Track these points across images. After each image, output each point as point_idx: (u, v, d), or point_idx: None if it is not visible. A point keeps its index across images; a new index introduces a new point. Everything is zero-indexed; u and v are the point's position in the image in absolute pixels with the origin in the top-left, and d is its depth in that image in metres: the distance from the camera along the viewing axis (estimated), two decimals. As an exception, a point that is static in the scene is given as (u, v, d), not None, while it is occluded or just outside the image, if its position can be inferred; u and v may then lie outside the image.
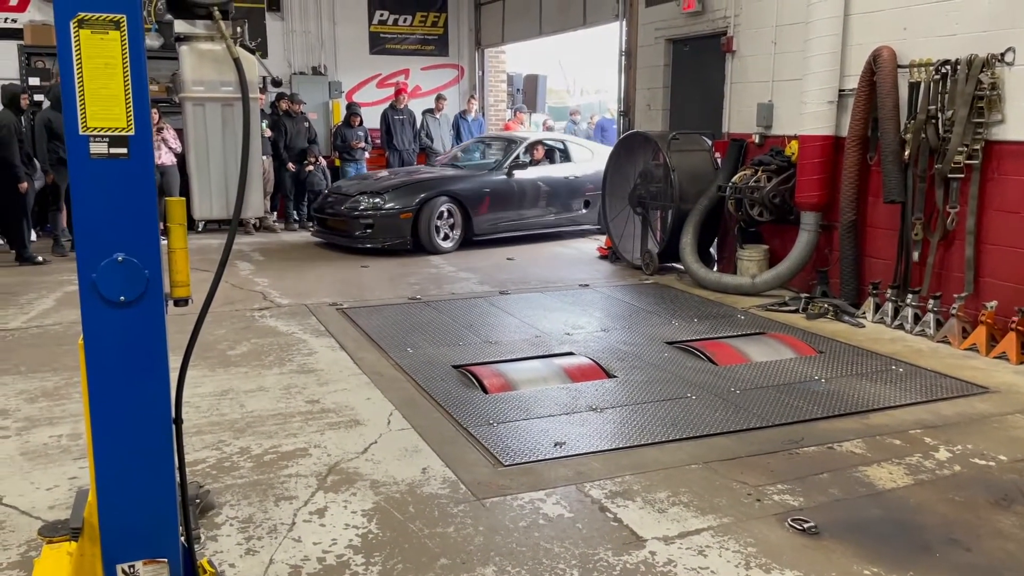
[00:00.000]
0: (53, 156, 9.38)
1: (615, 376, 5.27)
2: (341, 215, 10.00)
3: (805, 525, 3.35)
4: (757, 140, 8.11)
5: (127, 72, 2.11)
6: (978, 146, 5.97)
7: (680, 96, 9.50)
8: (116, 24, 2.08)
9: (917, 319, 6.34)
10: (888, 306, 6.59)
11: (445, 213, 10.01)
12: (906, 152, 6.45)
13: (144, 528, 2.34)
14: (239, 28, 2.44)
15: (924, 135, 6.29)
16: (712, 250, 8.78)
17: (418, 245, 9.87)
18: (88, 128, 2.11)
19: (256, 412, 4.65)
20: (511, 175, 10.56)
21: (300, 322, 6.64)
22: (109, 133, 2.13)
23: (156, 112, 10.23)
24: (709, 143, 8.72)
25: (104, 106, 2.11)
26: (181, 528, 2.46)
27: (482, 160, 11.37)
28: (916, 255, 6.54)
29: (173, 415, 2.35)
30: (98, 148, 2.13)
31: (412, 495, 3.65)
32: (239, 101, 2.39)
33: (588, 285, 8.16)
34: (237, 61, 2.36)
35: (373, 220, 9.73)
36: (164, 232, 2.41)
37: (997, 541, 3.28)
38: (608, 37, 12.33)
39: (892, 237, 6.78)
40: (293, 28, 13.92)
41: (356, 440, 4.26)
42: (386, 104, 13.56)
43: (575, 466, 3.94)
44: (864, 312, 6.78)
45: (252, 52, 2.48)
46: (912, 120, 6.40)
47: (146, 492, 2.31)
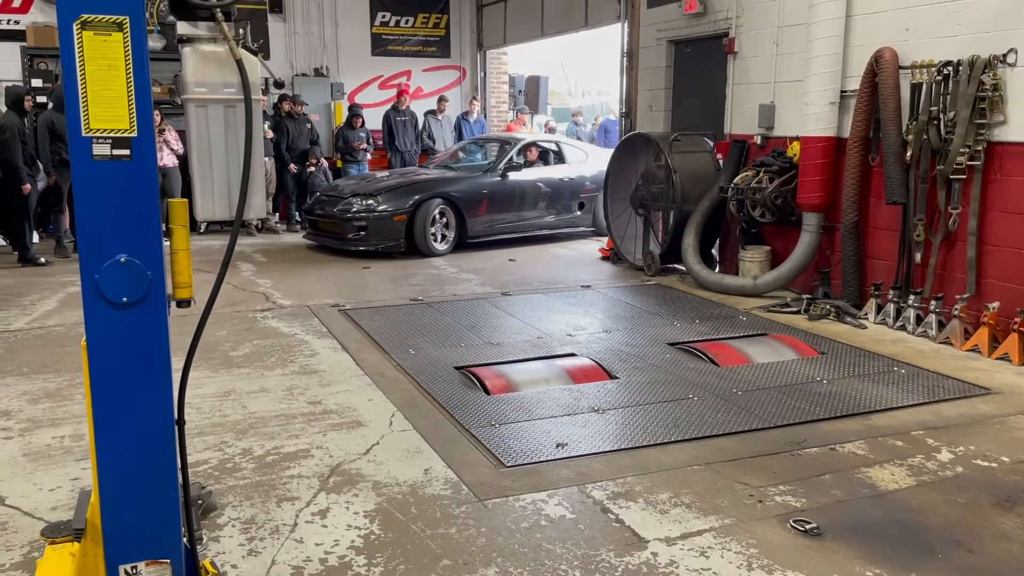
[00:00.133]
0: (55, 157, 9.40)
1: (617, 377, 5.27)
2: (334, 217, 9.88)
3: (807, 526, 3.35)
4: (759, 141, 8.11)
5: (130, 74, 2.11)
6: (980, 147, 5.97)
7: (682, 97, 9.50)
8: (119, 26, 2.09)
9: (919, 320, 6.34)
10: (890, 307, 6.59)
11: (439, 215, 9.92)
12: (908, 153, 6.45)
13: (147, 529, 2.34)
14: (242, 30, 2.44)
15: (926, 136, 6.29)
16: (714, 251, 8.78)
17: (412, 247, 9.76)
18: (91, 130, 2.11)
19: (258, 413, 4.65)
20: (505, 177, 10.47)
21: (302, 323, 6.65)
22: (112, 135, 2.13)
23: (158, 114, 10.22)
24: (711, 144, 8.72)
25: (107, 108, 2.11)
26: (183, 529, 2.46)
27: (476, 162, 11.28)
28: (918, 256, 6.54)
29: (175, 416, 2.35)
30: (101, 150, 2.13)
31: (414, 496, 3.65)
32: (241, 103, 2.40)
33: (590, 286, 8.16)
34: (239, 63, 2.36)
35: (367, 222, 9.61)
36: (166, 233, 2.41)
37: (1000, 542, 3.28)
38: (610, 38, 12.36)
39: (894, 238, 6.78)
40: (295, 30, 13.95)
41: (358, 441, 4.26)
42: (388, 105, 13.59)
43: (577, 467, 3.94)
44: (866, 313, 6.77)
45: (254, 54, 2.48)
46: (914, 121, 6.40)
47: (149, 493, 2.31)
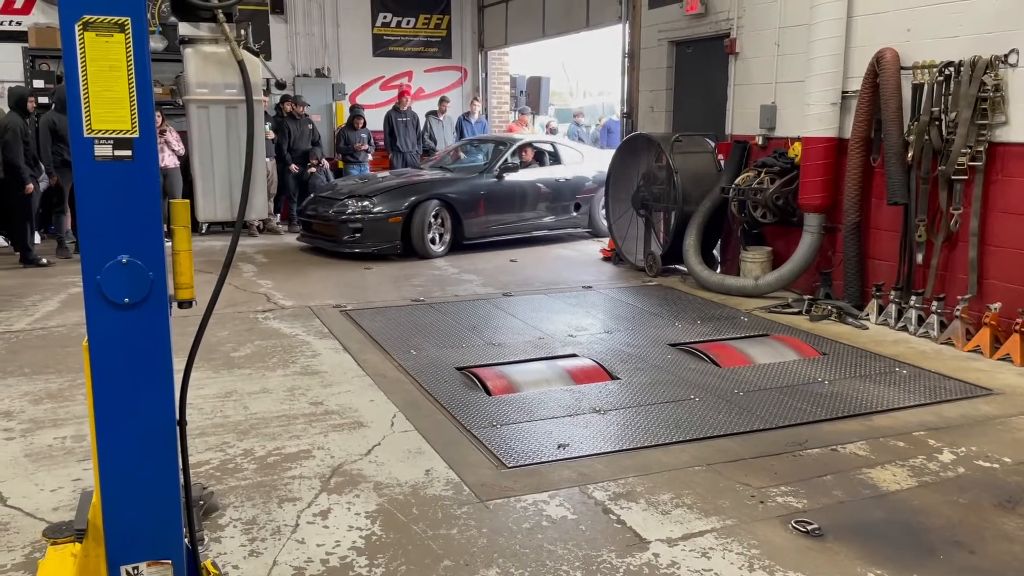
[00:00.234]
0: (57, 158, 9.41)
1: (618, 378, 5.27)
2: (328, 219, 9.75)
3: (809, 527, 3.35)
4: (760, 142, 8.11)
5: (132, 75, 2.11)
6: (981, 148, 5.97)
7: (683, 98, 9.50)
8: (121, 27, 2.09)
9: (921, 321, 6.34)
10: (892, 308, 6.58)
11: (435, 217, 9.82)
12: (909, 154, 6.45)
13: (148, 529, 2.34)
14: (243, 31, 2.44)
15: (927, 137, 6.29)
16: (715, 252, 8.77)
17: (408, 249, 9.64)
18: (93, 130, 2.12)
19: (260, 414, 4.65)
20: (501, 178, 10.35)
21: (304, 324, 6.65)
22: (114, 135, 2.13)
23: (159, 114, 10.20)
24: (712, 145, 8.72)
25: (109, 108, 2.12)
26: (185, 530, 2.47)
27: (471, 163, 11.20)
28: (920, 257, 6.53)
29: (177, 417, 2.36)
30: (102, 150, 2.13)
31: (416, 497, 3.65)
32: (243, 103, 2.40)
33: (591, 287, 8.16)
34: (241, 63, 2.36)
35: (362, 224, 9.48)
36: (168, 234, 2.41)
37: (1002, 543, 3.27)
38: (611, 39, 12.37)
39: (895, 239, 6.77)
40: (297, 30, 13.96)
41: (360, 442, 4.26)
42: (389, 106, 13.59)
43: (578, 468, 3.94)
44: (867, 314, 6.77)
45: (256, 54, 2.48)
46: (915, 122, 6.39)
47: (150, 493, 2.32)
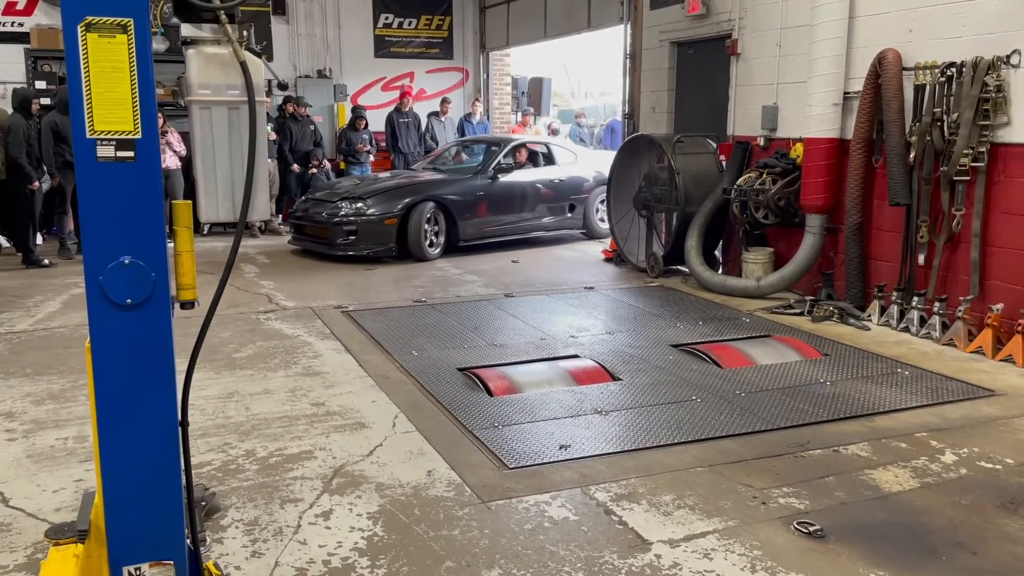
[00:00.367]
0: (59, 159, 9.42)
1: (620, 379, 5.26)
2: (321, 221, 9.57)
3: (811, 528, 3.34)
4: (762, 143, 8.10)
5: (134, 76, 2.11)
6: (983, 148, 5.96)
7: (685, 99, 9.50)
8: (123, 28, 2.09)
9: (923, 322, 6.33)
10: (893, 309, 6.58)
11: (430, 219, 9.67)
12: (911, 155, 6.44)
13: (150, 530, 2.34)
14: (245, 32, 2.45)
15: (929, 137, 6.28)
16: (717, 253, 8.77)
17: (403, 251, 9.51)
18: (95, 131, 2.12)
19: (261, 415, 4.65)
20: (496, 179, 10.24)
21: (305, 325, 6.65)
22: (116, 136, 2.13)
23: (160, 116, 10.21)
24: (714, 146, 8.71)
25: (111, 110, 2.12)
26: (187, 530, 2.47)
27: (464, 163, 11.08)
28: (921, 258, 6.53)
29: (179, 418, 2.36)
30: (105, 151, 2.14)
31: (417, 498, 3.65)
32: (245, 104, 2.40)
33: (593, 288, 8.15)
34: (243, 64, 2.36)
35: (356, 226, 9.32)
36: (170, 235, 2.41)
37: (1004, 544, 3.27)
38: (613, 40, 12.36)
39: (897, 240, 6.77)
40: (298, 31, 13.97)
41: (361, 443, 4.26)
42: (391, 107, 13.60)
43: (580, 469, 3.94)
44: (869, 315, 6.76)
45: (258, 55, 2.49)
46: (917, 122, 6.38)
47: (152, 494, 2.32)
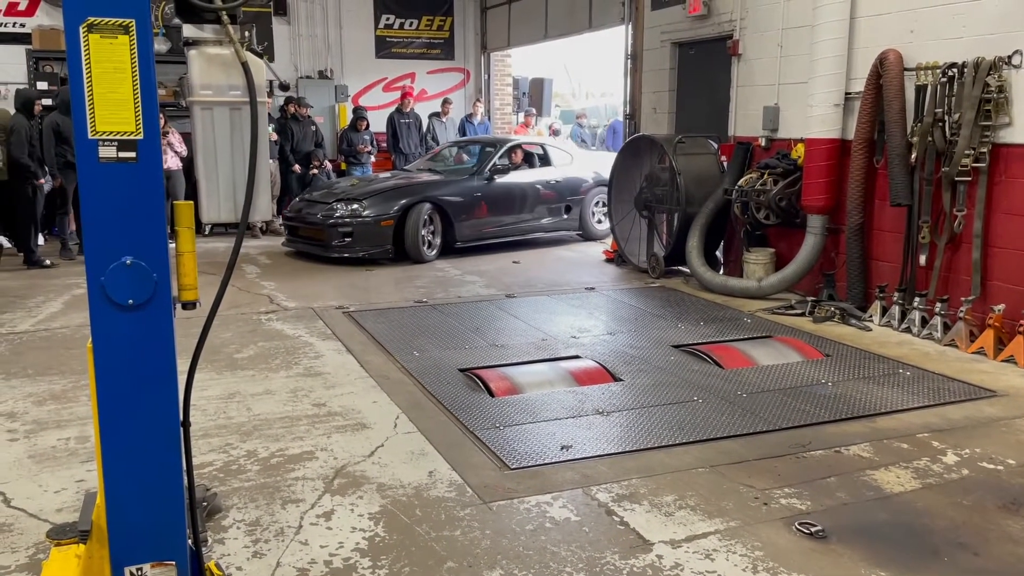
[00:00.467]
0: (61, 160, 9.43)
1: (621, 379, 5.26)
2: (316, 223, 9.45)
3: (812, 529, 3.34)
4: (763, 143, 8.10)
5: (136, 76, 2.12)
6: (985, 149, 5.96)
7: (686, 99, 9.50)
8: (125, 29, 2.09)
9: (924, 322, 6.33)
10: (895, 309, 6.57)
11: (427, 220, 9.55)
12: (913, 155, 6.43)
13: (152, 531, 2.34)
14: (247, 32, 2.45)
15: (931, 138, 6.28)
16: (718, 253, 8.76)
17: (399, 253, 9.39)
18: (97, 132, 2.12)
19: (263, 415, 4.65)
20: (492, 180, 10.14)
21: (307, 325, 6.65)
22: (118, 137, 2.14)
23: (161, 116, 10.21)
24: (715, 146, 8.71)
25: (113, 110, 2.12)
26: (189, 531, 2.47)
27: (459, 164, 10.99)
28: (923, 258, 6.52)
29: (181, 418, 2.36)
30: (107, 152, 2.14)
31: (419, 498, 3.65)
32: (247, 105, 2.40)
33: (594, 288, 8.15)
34: (245, 65, 2.36)
35: (352, 228, 9.19)
36: (172, 236, 2.41)
37: (1006, 545, 3.27)
38: (614, 40, 12.34)
39: (899, 240, 6.77)
40: (300, 32, 13.98)
41: (363, 443, 4.26)
42: (392, 108, 13.60)
43: (581, 469, 3.93)
44: (871, 315, 6.76)
45: (260, 56, 2.49)
46: (919, 123, 6.38)
47: (154, 495, 2.32)
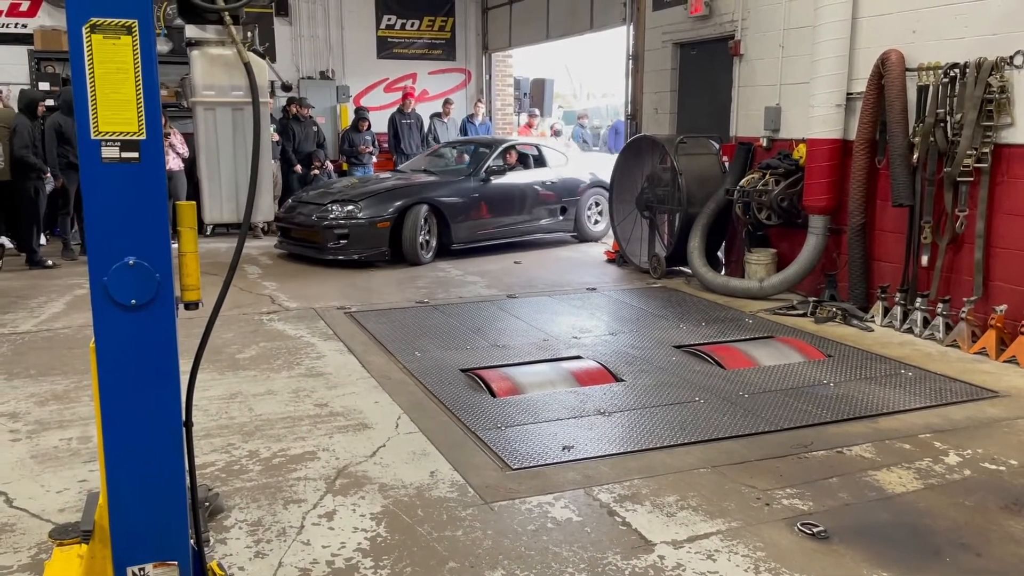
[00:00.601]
0: (63, 160, 9.44)
1: (623, 380, 5.26)
2: (310, 225, 9.28)
3: (814, 529, 3.34)
4: (765, 144, 8.10)
5: (139, 77, 2.12)
6: (987, 149, 5.95)
7: (687, 100, 9.50)
8: (128, 29, 2.10)
9: (926, 323, 6.32)
10: (897, 310, 6.57)
11: (423, 222, 9.40)
12: (914, 155, 6.43)
13: (154, 531, 2.34)
14: (249, 33, 2.45)
15: (933, 138, 6.28)
16: (720, 254, 8.76)
17: (396, 255, 9.26)
18: (100, 132, 2.12)
19: (265, 415, 4.66)
20: (488, 181, 10.01)
21: (308, 326, 6.66)
22: (121, 137, 2.14)
23: (163, 117, 10.21)
24: (716, 147, 8.71)
25: (116, 111, 2.12)
26: (191, 531, 2.47)
27: (453, 165, 10.88)
28: (925, 259, 6.52)
29: (183, 418, 2.36)
30: (110, 152, 2.14)
31: (420, 498, 3.65)
32: (249, 105, 2.40)
33: (595, 289, 8.15)
34: (248, 66, 2.36)
35: (348, 230, 9.05)
36: (174, 236, 2.42)
37: (1008, 546, 3.27)
38: (615, 41, 12.35)
39: (901, 241, 6.76)
40: (301, 33, 13.98)
41: (364, 443, 4.27)
42: (393, 108, 13.61)
43: (583, 470, 3.93)
44: (873, 316, 6.76)
45: (262, 57, 2.49)
46: (921, 123, 6.38)
47: (156, 495, 2.32)
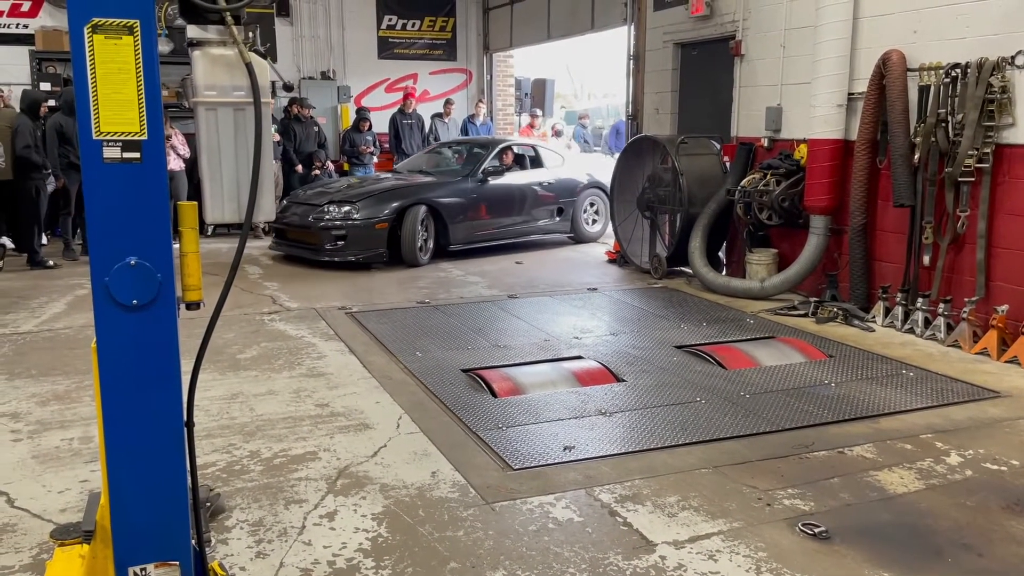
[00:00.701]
0: (63, 161, 9.44)
1: (624, 380, 5.26)
2: (306, 226, 9.15)
3: (816, 530, 3.34)
4: (766, 144, 8.10)
5: (140, 77, 2.12)
6: (988, 149, 5.95)
7: (688, 100, 9.50)
8: (130, 29, 2.10)
9: (927, 323, 6.32)
10: (898, 310, 6.57)
11: (421, 223, 9.29)
12: (916, 156, 6.43)
13: (156, 531, 2.34)
14: (251, 33, 2.45)
15: (934, 138, 6.27)
16: (721, 254, 8.76)
17: (394, 257, 9.17)
18: (101, 132, 2.13)
19: (266, 416, 4.66)
20: (486, 181, 9.92)
21: (309, 326, 6.66)
22: (122, 138, 2.14)
23: (164, 118, 10.21)
24: (718, 147, 8.70)
25: (117, 111, 2.13)
26: (192, 531, 2.47)
27: (451, 166, 10.81)
28: (926, 259, 6.51)
29: (185, 418, 2.36)
30: (111, 152, 2.14)
31: (422, 499, 3.65)
32: (251, 106, 2.40)
33: (596, 289, 8.15)
34: (249, 66, 2.36)
35: (346, 231, 8.92)
36: (175, 236, 2.42)
37: (1010, 546, 3.26)
38: (616, 41, 12.35)
39: (902, 241, 6.76)
40: (302, 33, 13.99)
41: (366, 444, 4.27)
42: (394, 108, 13.61)
43: (584, 470, 3.93)
44: (874, 316, 6.75)
45: (264, 57, 2.49)
46: (922, 123, 6.38)
47: (158, 495, 2.32)
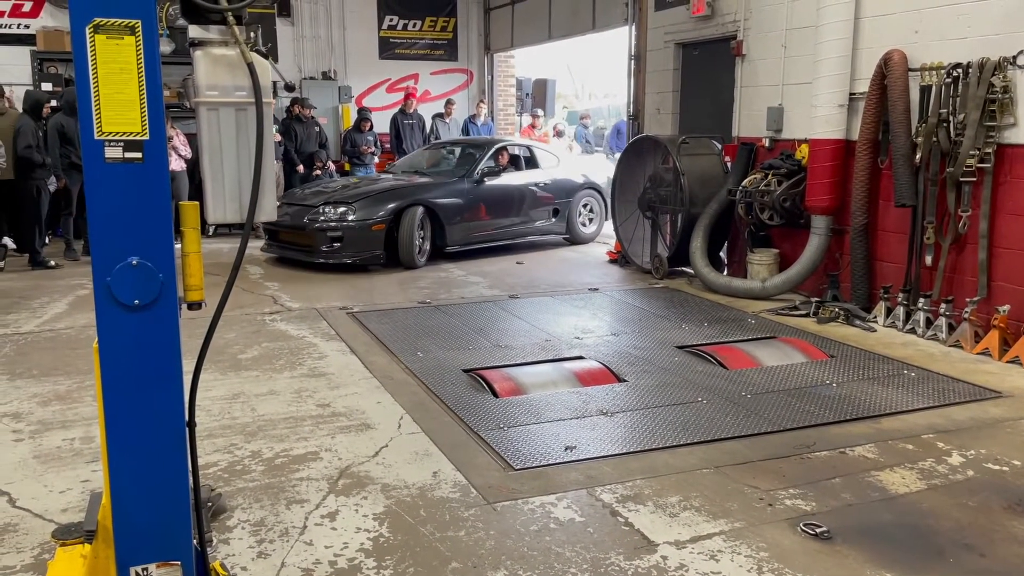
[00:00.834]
0: (65, 161, 9.46)
1: (625, 380, 5.26)
2: (300, 227, 8.99)
3: (817, 530, 3.34)
4: (767, 144, 8.09)
5: (142, 77, 2.12)
6: (990, 149, 5.94)
7: (690, 100, 9.50)
8: (131, 29, 2.10)
9: (929, 323, 6.31)
10: (899, 310, 6.56)
11: (418, 224, 9.19)
12: (917, 156, 6.43)
13: (157, 531, 2.34)
14: (252, 33, 2.45)
15: (935, 138, 6.27)
16: (722, 254, 8.76)
17: (391, 259, 9.05)
18: (103, 132, 2.13)
19: (267, 416, 4.66)
20: (482, 182, 9.84)
21: (310, 326, 6.66)
22: (124, 138, 2.14)
23: (166, 118, 10.21)
24: (719, 147, 8.70)
25: (119, 111, 2.13)
26: (194, 531, 2.47)
27: (446, 167, 10.73)
28: (928, 259, 6.51)
29: (186, 418, 2.36)
30: (113, 152, 2.14)
31: (423, 499, 3.65)
32: (252, 106, 2.40)
33: (598, 289, 8.15)
34: (251, 66, 2.36)
35: (342, 233, 8.75)
36: (177, 236, 2.42)
37: (1012, 547, 3.26)
38: (617, 41, 12.34)
39: (903, 241, 6.76)
40: (303, 33, 14.00)
41: (367, 444, 4.27)
42: (395, 109, 13.62)
43: (586, 470, 3.93)
44: (875, 316, 6.75)
45: (265, 57, 2.49)
46: (923, 123, 6.37)
47: (160, 495, 2.32)
